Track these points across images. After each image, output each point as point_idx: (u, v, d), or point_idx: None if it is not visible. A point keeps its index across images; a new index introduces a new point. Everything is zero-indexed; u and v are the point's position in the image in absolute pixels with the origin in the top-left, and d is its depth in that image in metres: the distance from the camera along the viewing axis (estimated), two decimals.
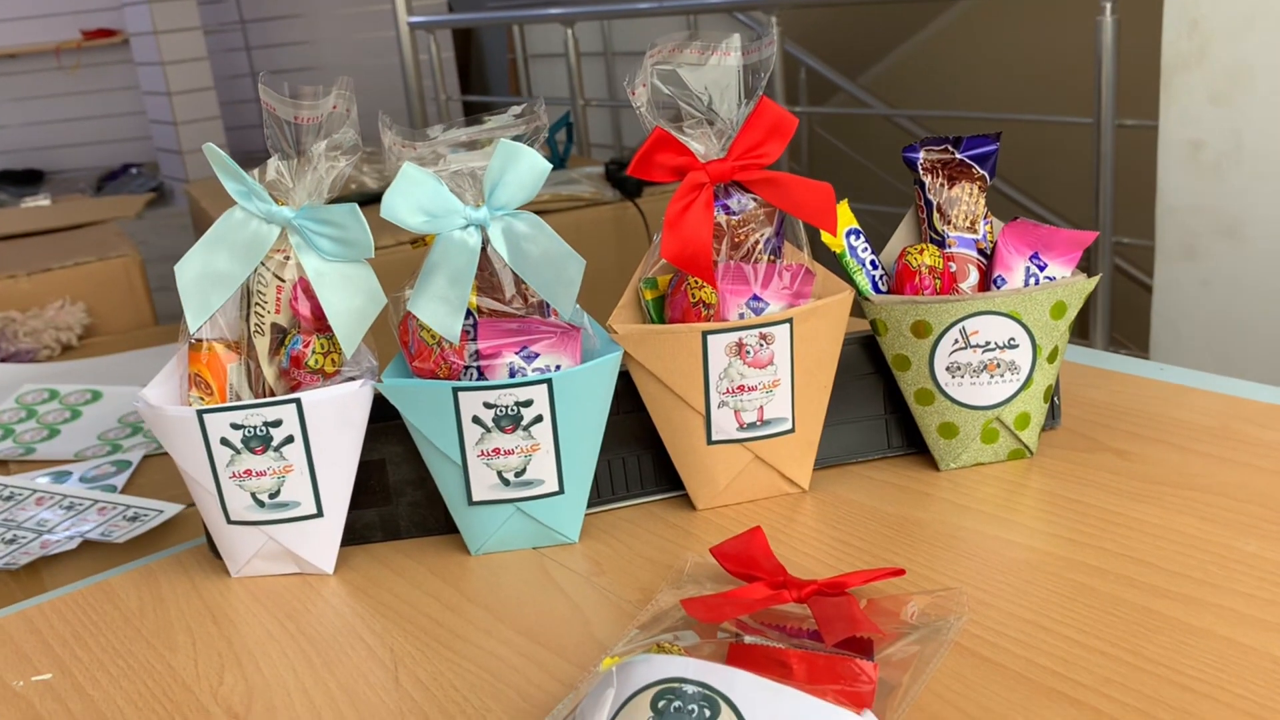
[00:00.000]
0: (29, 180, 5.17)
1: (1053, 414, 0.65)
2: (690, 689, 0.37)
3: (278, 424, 0.55)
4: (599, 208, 1.59)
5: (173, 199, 4.91)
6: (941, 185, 0.63)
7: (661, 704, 0.37)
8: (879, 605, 0.48)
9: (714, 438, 0.59)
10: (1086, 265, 0.62)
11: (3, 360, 1.60)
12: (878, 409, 0.64)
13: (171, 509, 1.13)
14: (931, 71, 2.86)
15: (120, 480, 1.21)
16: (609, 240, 1.56)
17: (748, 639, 0.42)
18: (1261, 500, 0.56)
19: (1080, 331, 1.82)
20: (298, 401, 0.54)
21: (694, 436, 0.59)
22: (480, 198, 0.57)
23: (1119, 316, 1.94)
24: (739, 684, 0.37)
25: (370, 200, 1.25)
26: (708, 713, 0.37)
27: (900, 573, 0.50)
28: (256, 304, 0.56)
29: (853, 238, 0.62)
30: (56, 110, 5.27)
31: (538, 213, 0.57)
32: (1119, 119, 1.72)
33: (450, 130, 0.58)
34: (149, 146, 5.14)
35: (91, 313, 1.73)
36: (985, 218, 0.63)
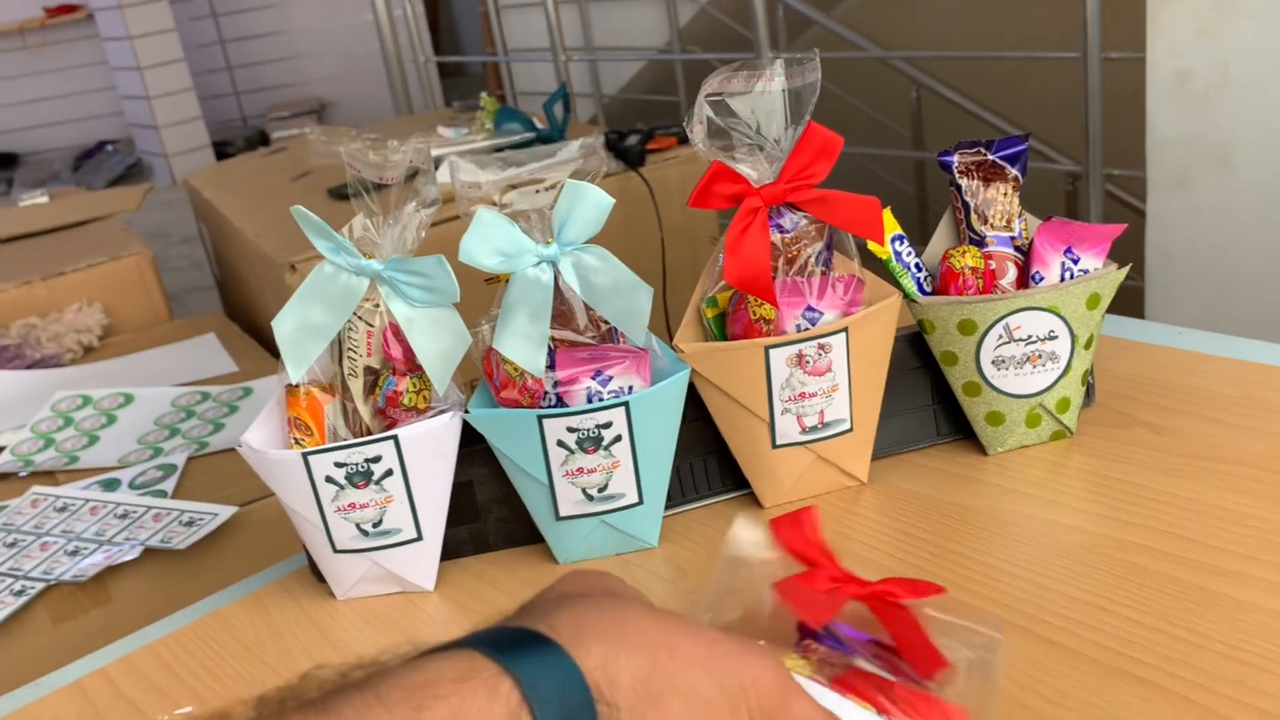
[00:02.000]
0: (4, 164, 5.13)
1: (1089, 393, 0.69)
2: None
3: (378, 459, 0.59)
4: (603, 180, 1.61)
5: (152, 174, 4.88)
6: (978, 187, 0.66)
7: None
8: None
9: (778, 442, 0.63)
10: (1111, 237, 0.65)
11: (29, 367, 1.62)
12: (926, 399, 0.68)
13: (226, 511, 1.17)
14: (911, 2, 2.86)
15: (169, 485, 1.25)
16: (615, 211, 1.58)
17: (858, 662, 0.46)
18: None
19: None
20: (395, 438, 0.58)
21: (759, 442, 0.63)
22: (547, 232, 0.60)
23: (1115, 244, 1.97)
24: None
25: (377, 185, 1.27)
26: None
27: (942, 590, 0.50)
28: (349, 349, 0.60)
29: (897, 243, 0.65)
30: (25, 91, 5.21)
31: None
32: (1105, 52, 1.74)
33: (510, 169, 0.61)
34: (122, 122, 5.09)
35: (108, 312, 1.76)
36: (1020, 215, 0.67)
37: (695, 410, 0.64)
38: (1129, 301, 1.86)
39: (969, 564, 0.57)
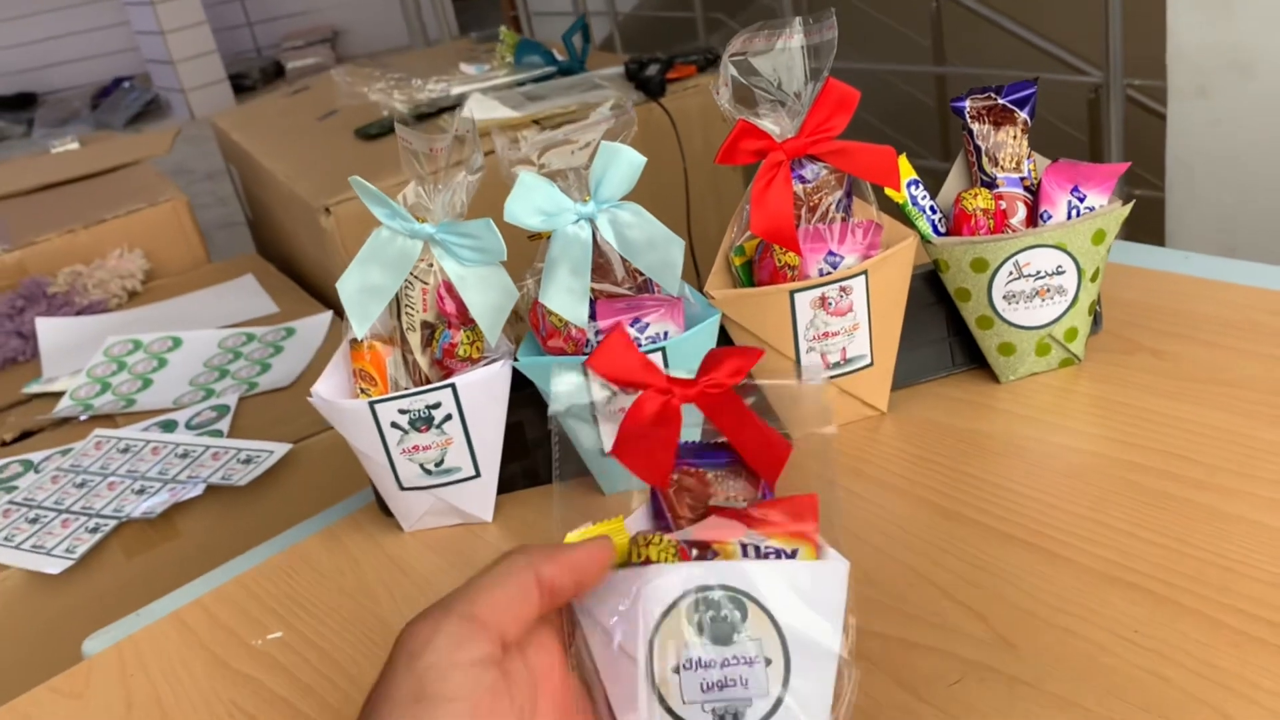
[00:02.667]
0: (23, 104, 5.15)
1: (1096, 321, 0.74)
2: (716, 594, 0.41)
3: (437, 405, 0.64)
4: (632, 127, 1.64)
5: (170, 110, 4.90)
6: (988, 131, 0.70)
7: (698, 618, 0.41)
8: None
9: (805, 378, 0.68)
10: (1124, 191, 0.69)
11: (77, 314, 1.69)
12: (942, 333, 0.73)
13: (281, 448, 1.23)
14: None
15: (224, 425, 1.32)
16: (636, 143, 1.62)
17: (713, 501, 0.47)
18: None
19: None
20: (453, 385, 0.64)
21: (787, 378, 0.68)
22: (584, 191, 0.65)
23: (1137, 149, 1.97)
24: (752, 575, 0.41)
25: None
26: (739, 614, 0.41)
27: (760, 352, 0.51)
28: (406, 306, 0.65)
29: (913, 188, 0.69)
30: (39, 29, 5.20)
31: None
32: None
33: (546, 132, 0.66)
34: (138, 59, 5.10)
35: (149, 257, 1.81)
36: (1029, 157, 0.70)
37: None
38: (1150, 212, 1.88)
39: (981, 485, 0.63)
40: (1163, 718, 0.46)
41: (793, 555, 0.44)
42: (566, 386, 0.50)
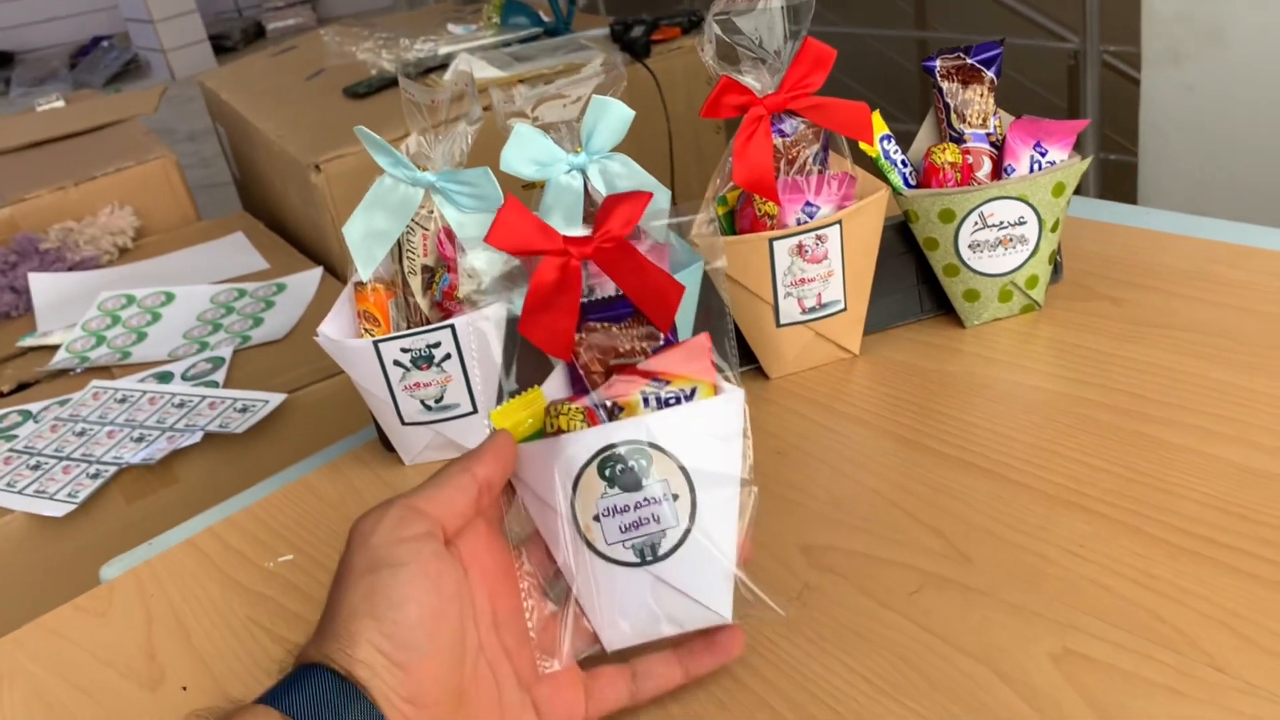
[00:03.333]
0: (1, 63, 5.11)
1: (1057, 271, 0.78)
2: (621, 450, 0.47)
3: (437, 345, 0.68)
4: (622, 81, 1.67)
5: (150, 70, 4.87)
6: (957, 89, 0.74)
7: (608, 472, 0.47)
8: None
9: (781, 322, 0.73)
10: (1080, 144, 0.73)
11: (70, 269, 1.71)
12: (911, 280, 0.78)
13: (276, 398, 1.27)
14: None
15: (220, 376, 1.35)
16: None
17: (621, 352, 0.51)
18: (1229, 334, 0.70)
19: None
20: (452, 326, 0.68)
21: (765, 321, 0.73)
22: (576, 142, 0.68)
23: (1113, 115, 2.01)
24: (652, 427, 0.47)
25: (389, 84, 1.35)
26: (644, 461, 0.47)
27: (648, 195, 0.54)
28: (408, 251, 0.68)
29: (885, 142, 0.73)
30: None
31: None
32: None
33: (539, 87, 0.69)
34: (117, 17, 5.06)
35: (139, 215, 1.83)
36: (995, 114, 0.74)
37: (706, 297, 0.73)
38: (1124, 176, 1.92)
39: (945, 420, 0.67)
40: (1103, 619, 0.51)
41: (691, 395, 0.49)
42: (480, 262, 0.55)
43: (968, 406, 0.69)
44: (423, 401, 0.70)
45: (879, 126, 0.73)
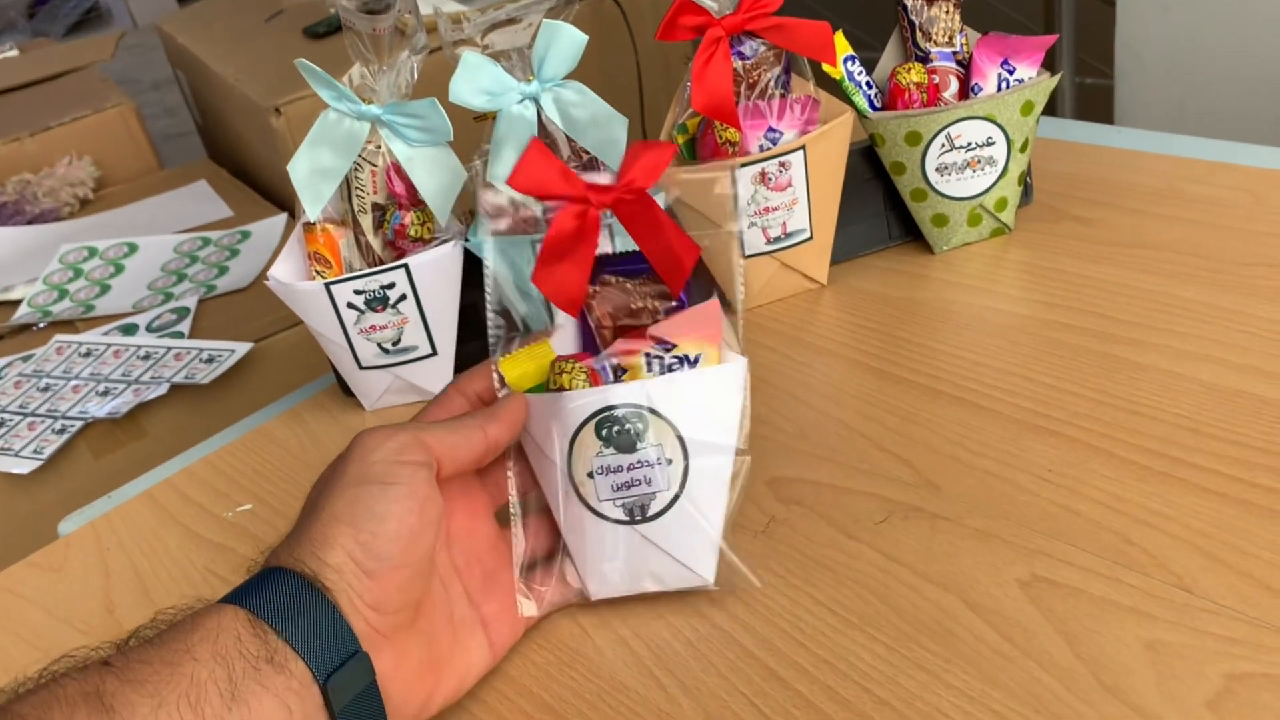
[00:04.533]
0: None
1: (1026, 193, 0.77)
2: (620, 412, 0.48)
3: (392, 285, 0.66)
4: (574, 4, 1.63)
5: (111, 18, 4.75)
6: (921, 6, 0.71)
7: (604, 432, 0.48)
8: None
9: (747, 253, 0.71)
10: (1050, 62, 0.71)
11: (29, 223, 1.67)
12: (879, 207, 0.76)
13: (242, 348, 1.25)
14: None
15: (185, 326, 1.33)
16: (590, 38, 1.61)
17: (625, 323, 0.51)
18: (1199, 251, 0.69)
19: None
20: (406, 266, 0.66)
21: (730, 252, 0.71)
22: (528, 71, 0.66)
23: (1089, 39, 1.98)
24: (652, 392, 0.47)
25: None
26: (640, 426, 0.48)
27: (673, 147, 0.52)
28: (357, 189, 0.66)
29: (849, 64, 0.71)
30: None
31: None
32: None
33: (488, 12, 0.67)
34: None
35: (99, 165, 1.79)
36: (961, 31, 0.72)
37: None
38: (1099, 99, 1.90)
39: (913, 348, 0.66)
40: (1071, 544, 0.50)
41: (695, 361, 0.49)
42: (494, 200, 0.54)
43: (936, 333, 0.67)
44: (380, 344, 0.68)
45: (842, 47, 0.70)
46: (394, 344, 0.68)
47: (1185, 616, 0.46)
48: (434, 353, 0.69)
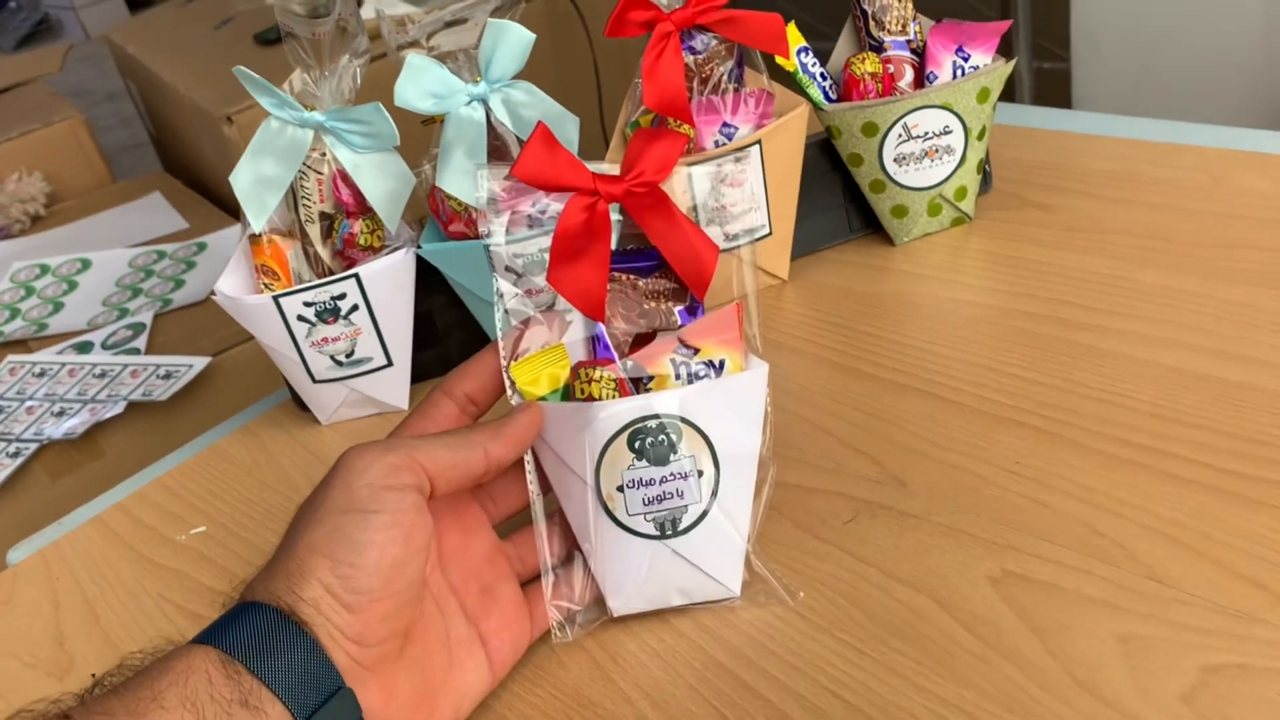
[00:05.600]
0: None
1: (985, 181, 0.76)
2: (652, 423, 0.46)
3: (343, 296, 0.64)
4: (520, 3, 1.62)
5: (63, 30, 4.67)
6: None
7: (638, 444, 0.46)
8: None
9: None
10: (1005, 48, 0.70)
11: None
12: (838, 199, 0.75)
13: (200, 362, 1.23)
14: None
15: (141, 342, 1.30)
16: (545, 36, 1.59)
17: (640, 329, 0.50)
18: (1160, 234, 0.69)
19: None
20: (357, 276, 0.64)
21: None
22: (475, 72, 0.64)
23: (1045, 20, 1.97)
24: (685, 401, 0.46)
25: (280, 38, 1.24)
26: (674, 437, 0.46)
27: (686, 137, 0.51)
28: (303, 198, 0.64)
29: (803, 55, 0.70)
30: None
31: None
32: None
33: (433, 13, 0.65)
34: None
35: (50, 179, 1.76)
36: (914, 19, 0.71)
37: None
38: (1056, 83, 1.90)
39: (877, 342, 0.65)
40: (1041, 537, 0.49)
41: (720, 367, 0.48)
42: (490, 187, 0.51)
43: (900, 327, 0.66)
44: (332, 357, 0.66)
45: (795, 39, 0.69)
46: (347, 356, 0.66)
47: (1157, 608, 0.45)
48: (389, 364, 0.68)
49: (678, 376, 0.47)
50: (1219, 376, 0.56)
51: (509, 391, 0.49)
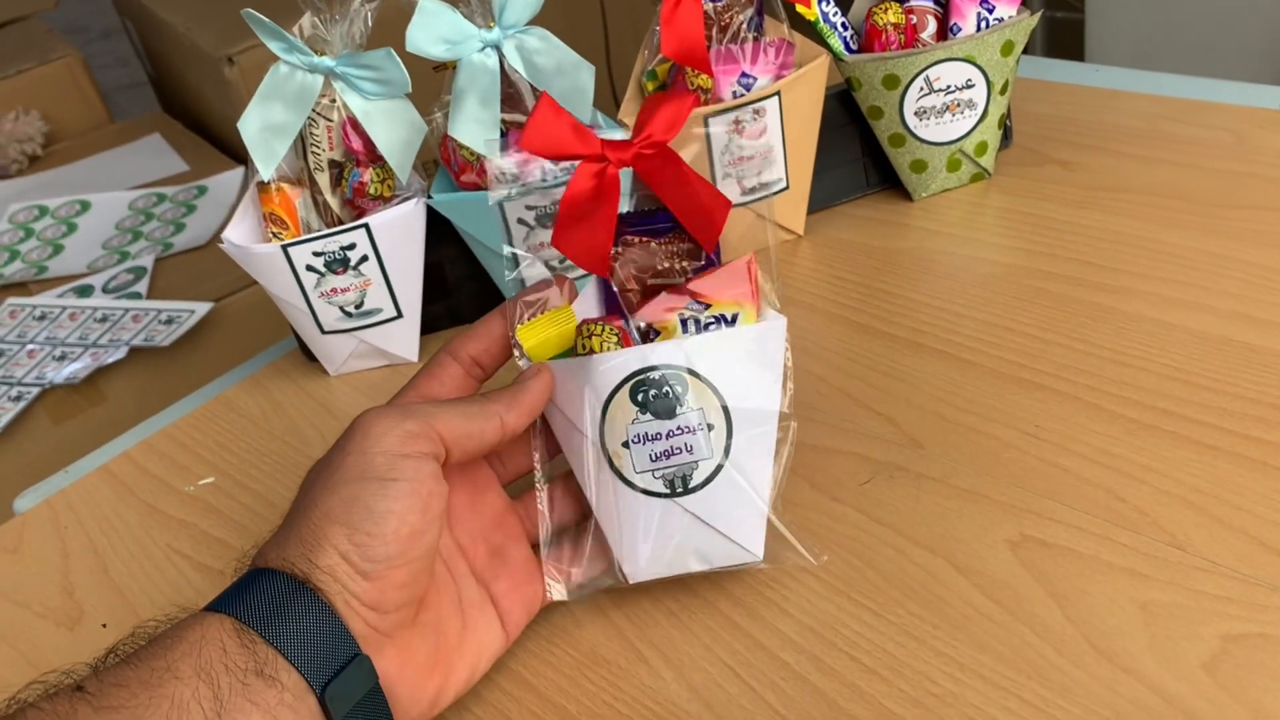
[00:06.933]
0: None
1: (1006, 136, 0.75)
2: (657, 374, 0.44)
3: (352, 246, 0.63)
4: None
5: None
6: None
7: (641, 397, 0.44)
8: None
9: None
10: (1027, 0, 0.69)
11: None
12: (856, 153, 0.73)
13: (202, 307, 1.22)
14: None
15: (142, 286, 1.29)
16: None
17: (652, 282, 0.49)
18: (1182, 194, 0.67)
19: None
20: (366, 225, 0.63)
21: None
22: (489, 17, 0.63)
23: None
24: (690, 352, 0.44)
25: None
26: (679, 389, 0.44)
27: (695, 96, 0.52)
28: (312, 145, 0.63)
29: (824, 4, 0.68)
30: None
31: None
32: None
33: None
34: None
35: (47, 119, 1.73)
36: None
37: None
38: (1070, 34, 1.87)
39: (893, 300, 0.64)
40: (1060, 502, 0.49)
41: (733, 321, 0.46)
42: (505, 164, 0.50)
43: (917, 284, 0.65)
44: (341, 308, 0.65)
45: None
46: (356, 307, 0.65)
47: (1179, 575, 0.44)
48: (399, 315, 0.67)
49: (685, 330, 0.46)
50: (1242, 340, 0.55)
51: (516, 354, 0.48)
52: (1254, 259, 0.61)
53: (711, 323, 0.46)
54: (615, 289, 0.49)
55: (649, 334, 0.47)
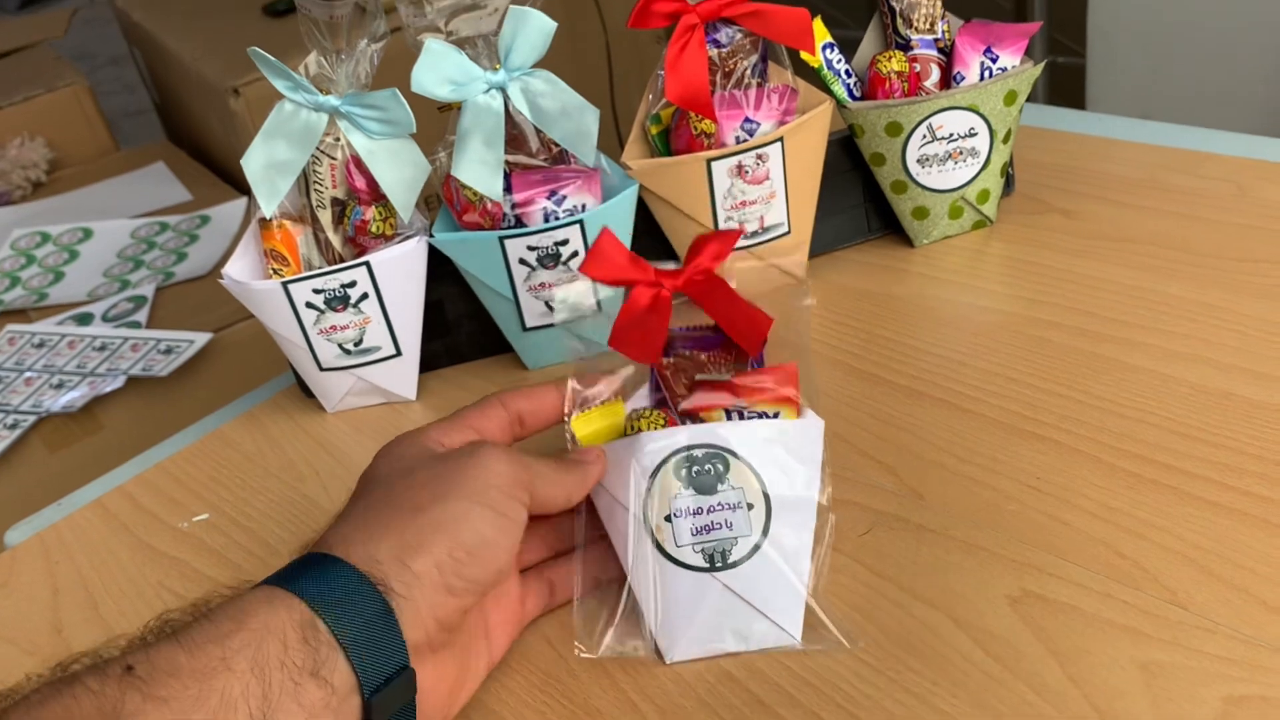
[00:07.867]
0: None
1: (1008, 184, 0.75)
2: (699, 452, 0.47)
3: (353, 284, 0.63)
4: None
5: None
6: None
7: (685, 472, 0.47)
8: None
9: None
10: (1031, 48, 0.69)
11: None
12: (858, 199, 0.74)
13: (201, 338, 1.22)
14: None
15: (142, 316, 1.29)
16: (559, 19, 1.57)
17: (700, 376, 0.52)
18: (1183, 245, 0.67)
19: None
20: (368, 264, 0.63)
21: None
22: (494, 59, 0.63)
23: (1061, 14, 1.95)
24: (730, 434, 0.48)
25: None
26: (721, 467, 0.47)
27: (739, 232, 0.56)
28: (315, 183, 0.63)
29: (828, 51, 0.69)
30: None
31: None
32: None
33: None
34: None
35: (52, 146, 1.74)
36: (943, 18, 0.70)
37: (646, 223, 0.69)
38: (1072, 79, 1.89)
39: (894, 346, 0.64)
40: (1061, 557, 0.48)
41: (775, 418, 0.50)
42: (575, 291, 0.55)
43: (918, 332, 0.65)
44: (340, 345, 0.65)
45: (821, 34, 0.68)
46: (356, 344, 0.65)
47: (1180, 635, 0.44)
48: (398, 353, 0.66)
49: (729, 417, 0.50)
50: (1243, 395, 0.55)
51: (569, 444, 0.50)
52: (1255, 312, 0.61)
53: (754, 417, 0.50)
54: (666, 396, 0.52)
55: (694, 420, 0.50)
